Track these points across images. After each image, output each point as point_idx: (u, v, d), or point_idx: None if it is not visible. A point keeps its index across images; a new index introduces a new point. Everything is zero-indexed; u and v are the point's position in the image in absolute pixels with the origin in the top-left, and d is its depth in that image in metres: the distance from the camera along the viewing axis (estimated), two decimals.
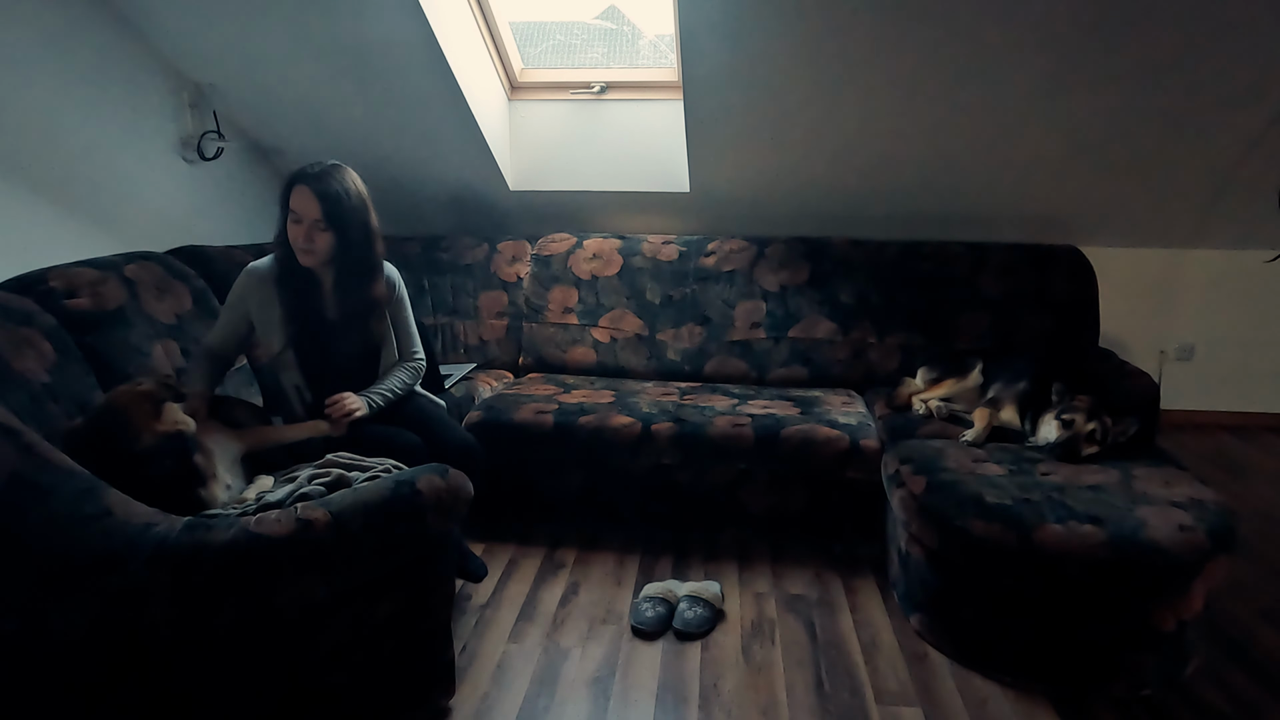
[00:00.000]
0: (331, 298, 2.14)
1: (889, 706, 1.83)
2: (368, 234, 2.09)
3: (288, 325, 2.10)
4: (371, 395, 2.11)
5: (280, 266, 2.09)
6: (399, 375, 2.21)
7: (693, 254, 3.19)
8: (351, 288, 2.11)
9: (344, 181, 2.03)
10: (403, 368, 2.24)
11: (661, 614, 2.13)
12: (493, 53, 3.04)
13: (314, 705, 1.59)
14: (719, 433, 2.49)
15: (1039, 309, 2.97)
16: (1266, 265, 3.37)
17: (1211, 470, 3.13)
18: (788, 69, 2.59)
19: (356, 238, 2.06)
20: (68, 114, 2.39)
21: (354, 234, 2.05)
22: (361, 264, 2.10)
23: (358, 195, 2.06)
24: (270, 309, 2.10)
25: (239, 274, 2.13)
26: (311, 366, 2.14)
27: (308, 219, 2.00)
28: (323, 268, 2.10)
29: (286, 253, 2.06)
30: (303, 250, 2.02)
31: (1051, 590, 1.85)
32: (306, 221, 2.00)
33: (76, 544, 1.37)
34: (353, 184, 2.05)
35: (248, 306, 2.11)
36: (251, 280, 2.11)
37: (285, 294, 2.08)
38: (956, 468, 2.14)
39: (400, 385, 2.20)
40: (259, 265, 2.13)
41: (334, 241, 2.03)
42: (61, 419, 1.75)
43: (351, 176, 2.06)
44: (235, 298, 2.12)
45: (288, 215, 2.02)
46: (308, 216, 2.00)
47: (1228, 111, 2.66)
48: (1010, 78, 2.54)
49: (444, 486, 1.66)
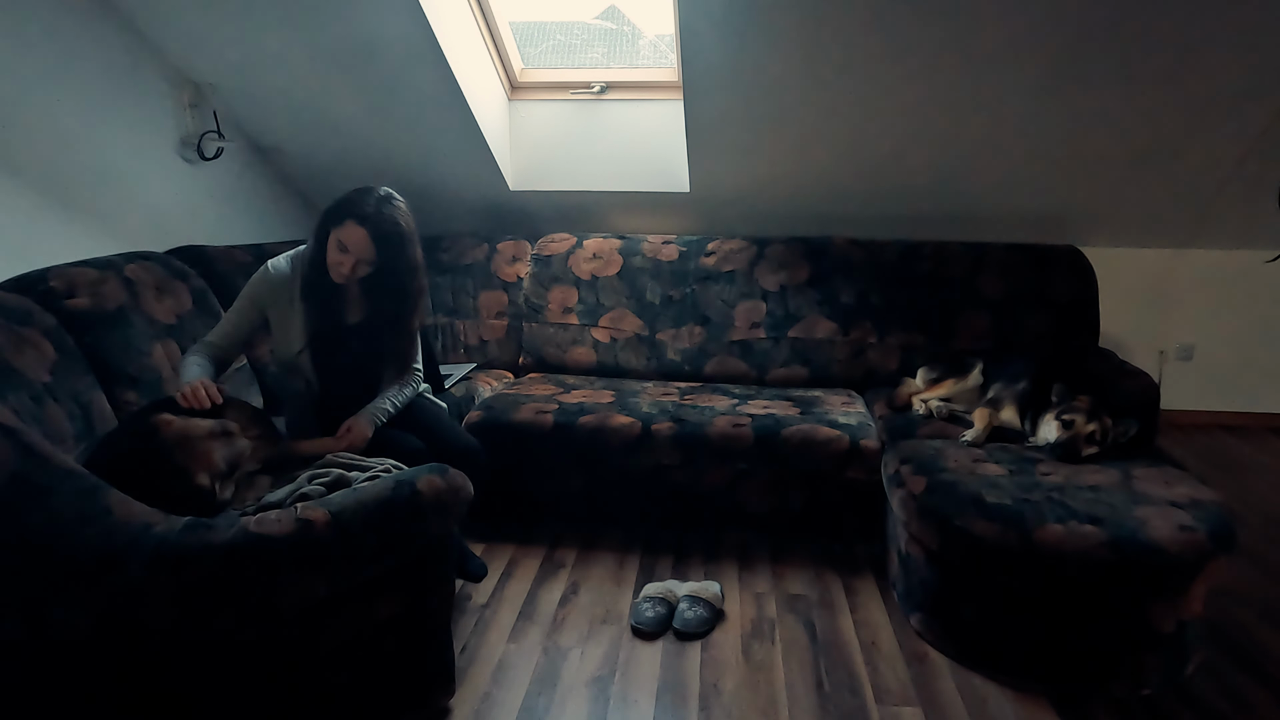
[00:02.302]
0: (355, 305, 2.13)
1: (889, 706, 1.83)
2: (413, 270, 2.07)
3: (308, 329, 2.07)
4: (377, 414, 2.09)
5: (307, 276, 2.05)
6: (401, 389, 2.18)
7: (693, 254, 3.19)
8: (379, 305, 2.09)
9: (398, 222, 2.00)
10: (404, 379, 2.20)
11: (661, 614, 2.13)
12: (493, 53, 3.04)
13: (314, 705, 1.59)
14: (719, 433, 2.49)
15: (1039, 309, 2.97)
16: (1266, 265, 3.37)
17: (1211, 470, 3.13)
18: (788, 69, 2.59)
19: (402, 278, 2.05)
20: (68, 114, 2.39)
21: (401, 276, 2.04)
22: (398, 293, 2.07)
23: (410, 232, 2.03)
24: (291, 313, 2.07)
25: (254, 272, 2.10)
26: (324, 369, 2.12)
27: (358, 256, 1.97)
28: (353, 284, 2.07)
29: (317, 268, 2.02)
30: (340, 275, 2.00)
31: (1051, 590, 1.85)
32: (355, 257, 1.97)
33: (77, 544, 1.37)
34: (404, 221, 2.02)
35: (264, 308, 2.09)
36: (271, 283, 2.07)
37: (310, 302, 2.05)
38: (956, 468, 2.14)
39: (402, 399, 2.18)
40: (279, 268, 2.08)
41: (375, 273, 2.02)
42: (61, 419, 1.75)
43: (403, 213, 2.03)
44: (251, 299, 2.09)
45: (329, 238, 1.97)
46: (359, 254, 1.97)
47: (1227, 111, 2.65)
48: (1010, 78, 2.54)
49: (444, 486, 1.66)
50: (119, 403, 1.98)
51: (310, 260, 2.04)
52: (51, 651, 1.41)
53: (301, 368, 2.12)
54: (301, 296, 2.06)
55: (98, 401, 1.91)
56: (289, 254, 2.12)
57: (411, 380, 2.22)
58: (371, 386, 2.16)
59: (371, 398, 2.13)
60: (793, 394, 2.85)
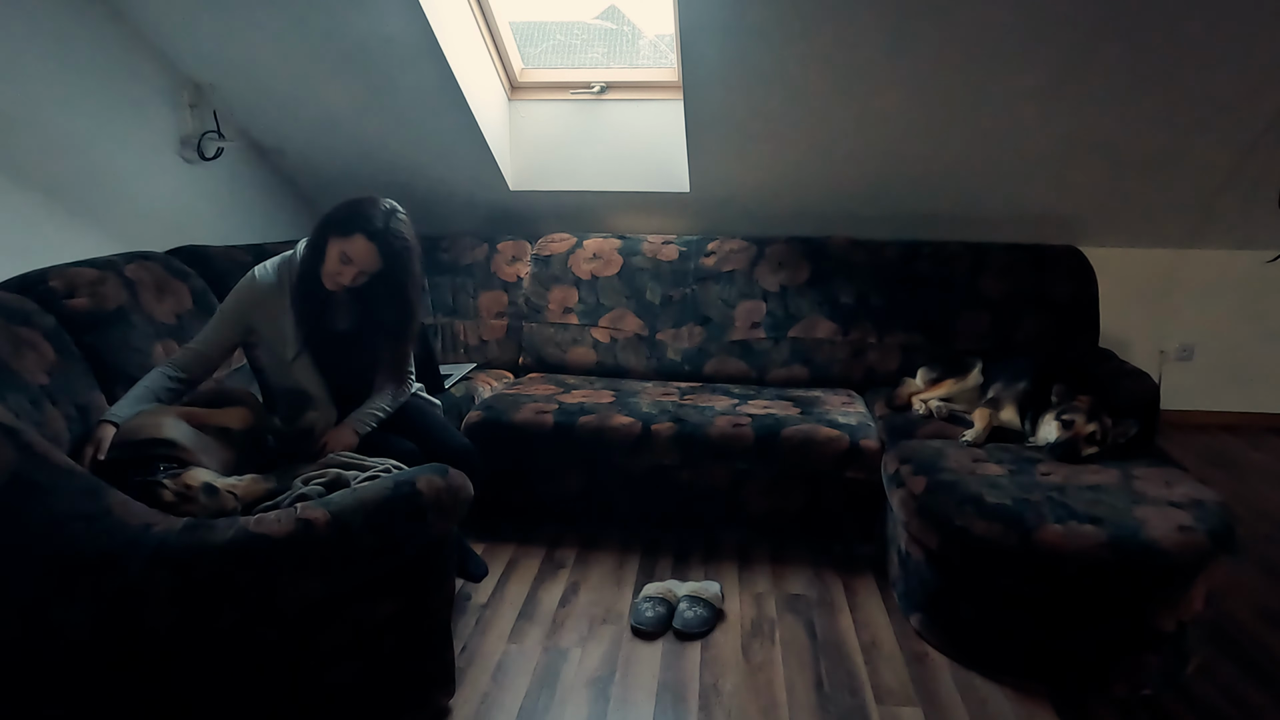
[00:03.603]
0: (343, 311, 2.12)
1: (889, 706, 1.83)
2: (415, 282, 2.07)
3: (299, 335, 2.05)
4: (365, 420, 2.08)
5: (300, 283, 2.02)
6: (390, 395, 2.16)
7: (693, 254, 3.19)
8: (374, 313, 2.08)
9: (405, 237, 2.00)
10: (397, 387, 2.18)
11: (661, 614, 2.13)
12: (493, 53, 3.04)
13: (314, 705, 1.59)
14: (719, 433, 2.49)
15: (1039, 309, 2.97)
16: (1266, 265, 3.37)
17: (1211, 470, 3.13)
18: (788, 69, 2.58)
19: (405, 291, 2.05)
20: (67, 113, 2.38)
21: (405, 290, 2.04)
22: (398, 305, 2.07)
23: (415, 247, 2.03)
24: (281, 319, 2.05)
25: (240, 279, 2.07)
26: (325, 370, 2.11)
27: (361, 268, 1.97)
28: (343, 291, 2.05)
29: (311, 275, 2.00)
30: (336, 284, 1.99)
31: (1051, 590, 1.85)
32: (358, 268, 1.96)
33: (77, 544, 1.37)
34: (410, 236, 2.02)
35: (251, 318, 2.06)
36: (258, 292, 2.05)
37: (300, 309, 2.03)
38: (956, 468, 2.14)
39: (392, 405, 2.16)
40: (265, 276, 2.06)
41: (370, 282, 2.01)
42: (59, 422, 1.75)
43: (408, 226, 2.02)
44: (237, 308, 2.06)
45: (330, 247, 1.95)
46: (363, 267, 1.96)
47: (1228, 112, 2.65)
48: (1011, 78, 2.54)
49: (444, 486, 1.66)
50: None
51: (304, 267, 2.01)
52: (51, 651, 1.41)
53: (298, 372, 2.10)
54: (292, 303, 2.04)
55: (96, 403, 1.91)
56: (275, 260, 2.09)
57: (404, 386, 2.21)
58: (362, 393, 2.15)
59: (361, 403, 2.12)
60: (793, 394, 2.85)
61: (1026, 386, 2.46)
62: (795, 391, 2.90)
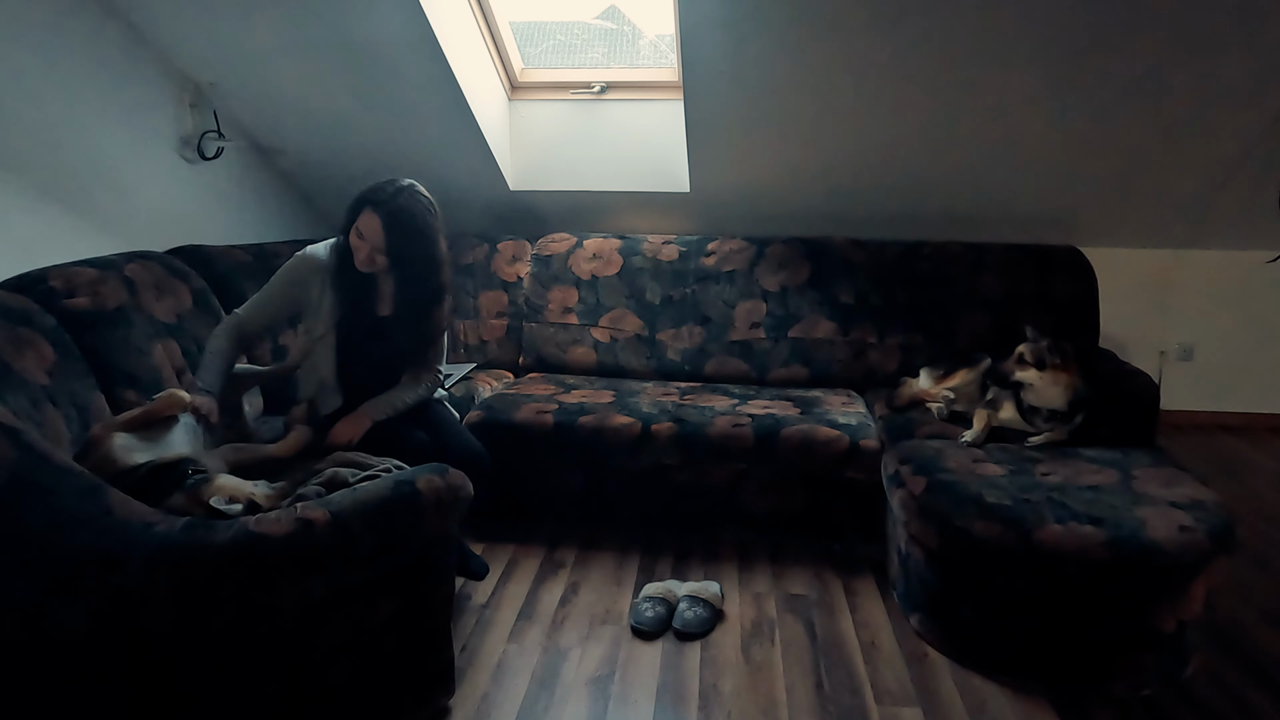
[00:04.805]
0: (386, 298, 2.14)
1: (889, 706, 1.83)
2: (431, 263, 2.09)
3: (336, 313, 2.10)
4: (382, 407, 2.10)
5: (338, 263, 2.08)
6: (414, 387, 2.17)
7: (693, 254, 3.19)
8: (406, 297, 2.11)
9: (412, 212, 2.02)
10: (422, 379, 2.19)
11: (661, 614, 2.13)
12: (493, 53, 3.04)
13: (314, 705, 1.59)
14: (719, 433, 2.49)
15: (1039, 309, 2.97)
16: (1266, 265, 3.37)
17: (1211, 470, 3.13)
18: (788, 69, 2.59)
19: (418, 268, 2.07)
20: (67, 113, 2.38)
21: (416, 266, 2.06)
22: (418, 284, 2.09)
23: (424, 224, 2.04)
24: (324, 298, 2.10)
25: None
26: (345, 356, 2.13)
27: (371, 243, 2.01)
28: (383, 274, 2.11)
29: (346, 257, 2.06)
30: (361, 261, 2.04)
31: (1051, 590, 1.85)
32: (369, 244, 2.01)
33: (77, 543, 1.37)
34: (419, 212, 2.04)
35: (301, 292, 2.11)
36: (310, 267, 2.10)
37: (341, 288, 2.08)
38: (956, 468, 2.14)
39: (414, 397, 2.17)
40: (317, 253, 2.12)
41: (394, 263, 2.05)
42: (59, 422, 1.75)
43: (421, 205, 2.04)
44: (289, 282, 2.11)
45: (352, 227, 2.02)
46: (372, 242, 2.01)
47: (1228, 112, 2.66)
48: (1010, 79, 2.54)
49: (443, 486, 1.66)
50: (118, 402, 1.98)
51: (340, 248, 2.08)
52: (51, 651, 1.41)
53: (317, 351, 2.12)
54: (331, 284, 2.09)
55: (96, 403, 1.91)
56: (328, 242, 2.15)
57: (429, 380, 2.22)
58: (389, 381, 2.16)
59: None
60: (793, 394, 2.85)
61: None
62: (795, 391, 2.90)
